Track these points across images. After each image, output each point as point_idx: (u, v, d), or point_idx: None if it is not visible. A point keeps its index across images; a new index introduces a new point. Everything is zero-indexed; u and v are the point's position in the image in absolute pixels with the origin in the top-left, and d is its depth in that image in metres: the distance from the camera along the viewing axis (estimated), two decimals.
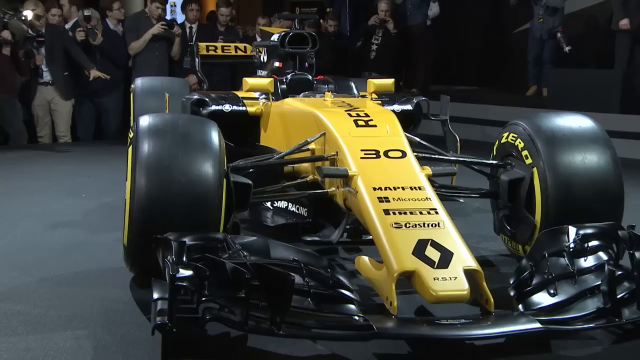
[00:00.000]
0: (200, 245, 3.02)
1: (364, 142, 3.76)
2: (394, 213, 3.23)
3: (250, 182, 3.65)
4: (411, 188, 3.41)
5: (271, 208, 4.66)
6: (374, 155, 3.66)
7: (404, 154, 3.68)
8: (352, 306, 2.95)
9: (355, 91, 5.50)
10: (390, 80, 5.04)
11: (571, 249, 3.19)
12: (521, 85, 11.07)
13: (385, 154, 3.67)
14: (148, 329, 3.01)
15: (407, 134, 3.96)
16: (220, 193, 3.42)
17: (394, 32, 10.69)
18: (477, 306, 3.11)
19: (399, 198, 3.33)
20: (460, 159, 4.21)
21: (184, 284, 2.72)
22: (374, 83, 4.96)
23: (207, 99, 5.24)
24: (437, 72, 12.23)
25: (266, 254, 3.11)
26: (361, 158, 3.64)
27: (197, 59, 7.70)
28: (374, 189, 3.39)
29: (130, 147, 3.52)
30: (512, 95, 10.79)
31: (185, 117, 3.77)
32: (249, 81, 4.94)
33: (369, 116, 4.00)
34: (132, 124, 7.33)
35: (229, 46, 8.15)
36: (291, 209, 4.52)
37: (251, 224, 4.67)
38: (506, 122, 4.18)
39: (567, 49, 9.96)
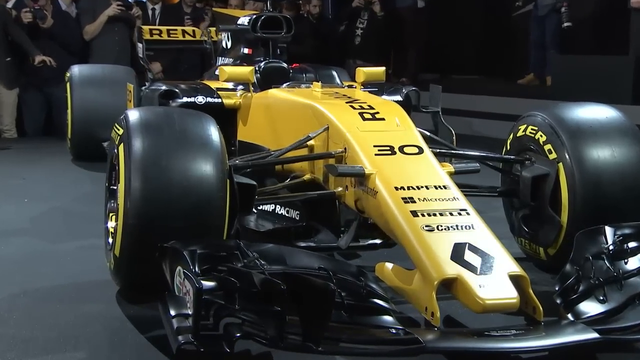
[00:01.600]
0: (212, 253, 3.00)
1: (375, 137, 3.77)
2: (423, 215, 3.24)
3: (254, 182, 3.63)
4: (435, 187, 3.43)
5: (255, 211, 4.63)
6: (389, 152, 3.67)
7: (420, 150, 3.70)
8: (389, 318, 2.96)
9: (338, 80, 5.52)
10: (381, 69, 5.09)
11: (611, 251, 3.26)
12: (524, 74, 11.06)
13: (401, 150, 3.68)
14: (156, 348, 3.04)
15: (418, 129, 3.99)
16: (225, 195, 3.41)
17: (381, 15, 10.65)
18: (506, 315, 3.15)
19: (424, 198, 3.35)
20: (476, 154, 4.25)
21: (209, 297, 2.70)
22: (364, 72, 4.99)
23: (176, 90, 5.21)
24: (429, 60, 12.10)
25: (285, 262, 3.10)
26: (375, 155, 3.65)
27: (140, 45, 7.63)
28: (396, 188, 3.40)
29: (121, 145, 3.46)
30: (513, 85, 10.77)
31: (179, 111, 3.73)
32: (227, 70, 4.92)
33: (373, 108, 4.01)
34: (69, 118, 7.32)
35: (176, 30, 8.09)
36: (280, 212, 4.50)
37: None
38: (507, 115, 4.25)
39: (566, 24, 9.94)
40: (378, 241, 4.18)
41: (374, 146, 3.70)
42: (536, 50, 10.85)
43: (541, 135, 3.97)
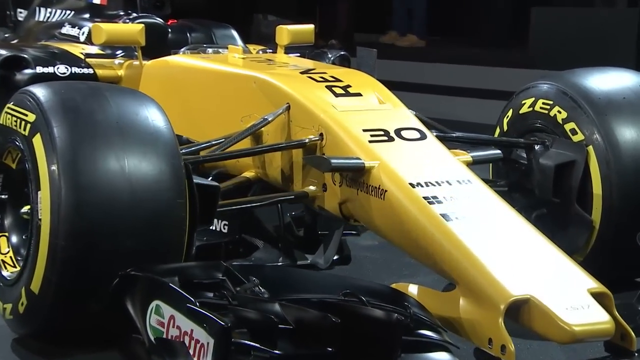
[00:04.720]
0: (196, 282, 3.01)
1: (360, 118, 3.79)
2: (457, 218, 3.28)
3: (217, 184, 3.61)
4: (459, 182, 3.50)
5: None
6: (385, 138, 3.70)
7: (422, 135, 3.75)
8: (447, 355, 3.02)
9: (240, 42, 5.53)
10: (309, 27, 5.14)
11: None
12: (492, 36, 11.32)
13: (398, 134, 3.71)
14: None
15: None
16: (185, 202, 3.37)
17: None
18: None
19: (451, 197, 3.40)
20: (474, 136, 4.36)
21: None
22: (289, 30, 5.01)
23: (25, 57, 5.07)
24: (366, 17, 12.18)
25: (295, 288, 3.12)
26: (369, 142, 3.69)
27: None
28: (412, 185, 3.44)
29: (37, 137, 3.35)
30: (477, 50, 10.88)
31: (108, 88, 3.63)
32: (106, 28, 4.82)
33: (341, 80, 4.02)
34: None
35: None
36: None
37: None
38: (472, 90, 4.38)
39: None
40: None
41: (364, 130, 3.73)
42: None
43: (559, 111, 4.10)
